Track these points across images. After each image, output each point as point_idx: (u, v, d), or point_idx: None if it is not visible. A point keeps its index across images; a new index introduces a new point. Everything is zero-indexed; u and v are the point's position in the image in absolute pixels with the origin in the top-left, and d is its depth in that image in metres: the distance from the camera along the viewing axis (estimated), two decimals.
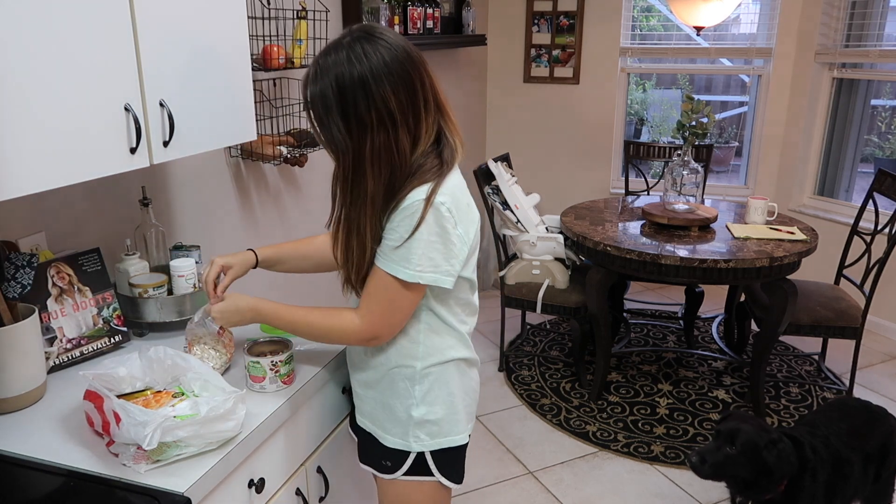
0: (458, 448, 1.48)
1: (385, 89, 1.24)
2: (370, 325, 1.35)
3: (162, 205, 2.06)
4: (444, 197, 1.28)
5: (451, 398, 1.44)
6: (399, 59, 1.26)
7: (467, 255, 1.36)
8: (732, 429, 1.92)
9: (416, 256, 1.28)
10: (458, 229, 1.31)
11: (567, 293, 3.23)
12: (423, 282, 1.30)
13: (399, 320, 1.36)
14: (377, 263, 1.32)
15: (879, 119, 5.86)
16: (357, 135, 1.26)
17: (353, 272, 1.36)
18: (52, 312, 1.53)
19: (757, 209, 3.16)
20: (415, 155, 1.29)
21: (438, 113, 1.33)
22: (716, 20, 3.49)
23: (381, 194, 1.28)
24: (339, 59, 1.25)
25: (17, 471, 1.23)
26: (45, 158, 1.20)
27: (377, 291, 1.33)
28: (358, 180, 1.28)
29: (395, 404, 1.43)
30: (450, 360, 1.43)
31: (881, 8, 3.79)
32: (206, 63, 1.55)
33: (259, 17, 2.29)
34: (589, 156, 4.60)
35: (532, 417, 3.10)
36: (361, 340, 1.38)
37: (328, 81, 1.25)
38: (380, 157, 1.26)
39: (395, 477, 1.47)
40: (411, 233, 1.26)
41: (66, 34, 1.21)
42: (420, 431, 1.43)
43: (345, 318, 1.37)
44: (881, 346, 3.81)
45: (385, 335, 1.37)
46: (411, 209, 1.26)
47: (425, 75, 1.30)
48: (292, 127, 2.57)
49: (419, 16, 3.33)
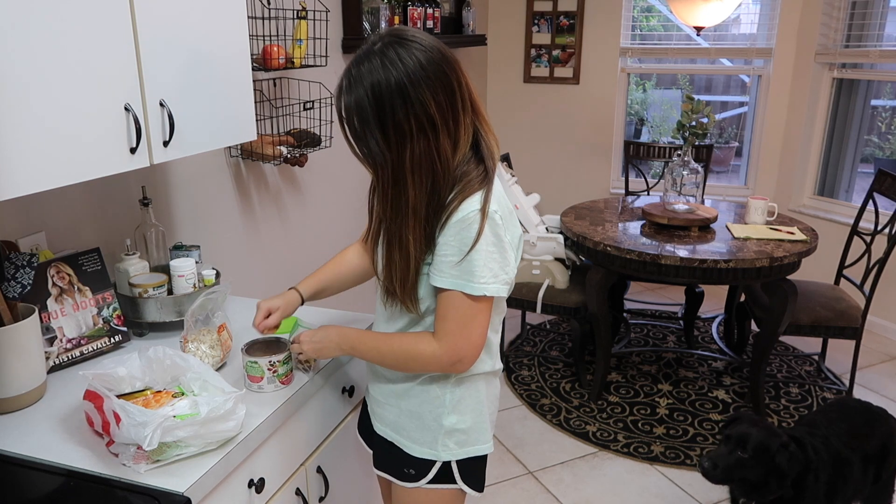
0: (482, 457, 1.45)
1: (424, 93, 1.18)
2: (452, 348, 1.28)
3: (162, 205, 2.06)
4: (495, 205, 1.24)
5: (479, 406, 1.41)
6: (435, 60, 1.20)
7: (515, 259, 1.33)
8: (743, 433, 1.93)
9: (479, 269, 1.23)
10: (507, 235, 1.27)
11: (567, 293, 3.23)
12: (489, 294, 1.25)
13: (479, 337, 1.30)
14: (439, 284, 1.26)
15: (879, 119, 5.85)
16: (396, 145, 1.20)
17: (398, 286, 1.30)
18: (52, 312, 1.53)
19: (757, 209, 3.16)
20: (456, 159, 1.24)
21: (474, 113, 1.28)
22: (716, 20, 3.49)
23: (424, 203, 1.23)
24: (373, 66, 1.19)
25: (17, 471, 1.23)
26: (45, 158, 1.20)
27: (449, 312, 1.27)
28: (398, 192, 1.23)
29: (425, 413, 1.39)
30: (482, 372, 1.40)
31: (881, 8, 3.79)
32: (206, 63, 1.55)
33: (259, 17, 2.29)
34: (589, 156, 4.60)
35: (532, 417, 3.10)
36: (445, 366, 1.31)
37: (363, 91, 1.19)
38: (420, 165, 1.21)
39: (418, 485, 1.42)
40: (472, 246, 1.22)
41: (67, 34, 1.21)
42: (449, 440, 1.40)
43: (424, 346, 1.31)
44: (881, 346, 3.81)
45: (469, 355, 1.30)
46: (467, 221, 1.22)
47: (461, 74, 1.24)
48: (292, 127, 2.57)
49: (419, 16, 3.33)
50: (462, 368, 1.32)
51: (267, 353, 1.46)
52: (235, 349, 1.58)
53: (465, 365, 1.31)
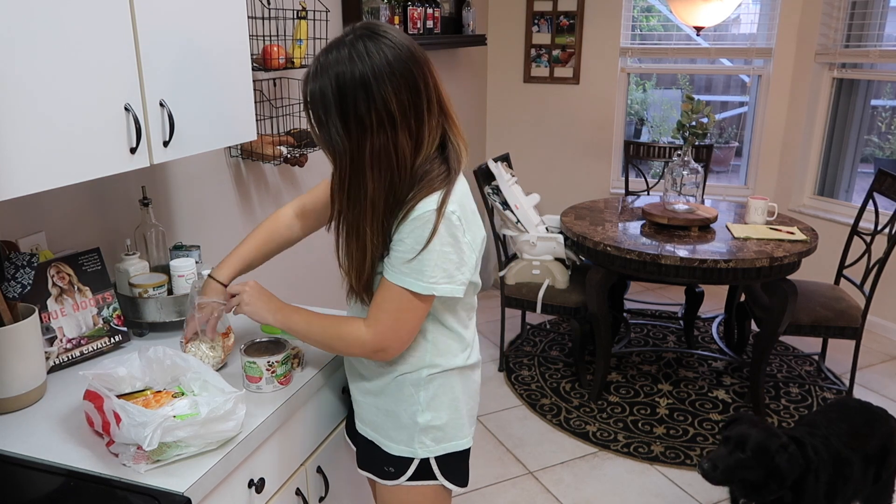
0: (462, 452, 1.46)
1: (386, 90, 1.19)
2: (379, 337, 1.31)
3: (162, 205, 2.06)
4: (454, 206, 1.25)
5: (455, 403, 1.42)
6: (403, 58, 1.21)
7: (476, 261, 1.34)
8: (742, 434, 1.93)
9: (430, 268, 1.24)
10: (466, 236, 1.28)
11: (567, 293, 3.23)
12: (437, 293, 1.27)
13: (408, 333, 1.33)
14: (387, 276, 1.28)
15: (879, 119, 5.85)
16: (356, 136, 1.22)
17: (354, 278, 1.32)
18: (52, 312, 1.53)
19: (757, 209, 3.16)
20: (418, 159, 1.25)
21: (442, 115, 1.28)
22: (716, 20, 3.49)
23: (383, 199, 1.24)
24: (340, 56, 1.20)
25: (17, 471, 1.22)
26: (45, 158, 1.20)
27: (386, 303, 1.29)
28: (356, 183, 1.25)
29: (400, 411, 1.41)
30: (454, 367, 1.41)
31: (881, 8, 3.79)
32: (206, 63, 1.55)
33: (259, 17, 2.29)
34: (589, 156, 4.60)
35: (532, 417, 3.10)
36: (368, 353, 1.34)
37: (328, 80, 1.21)
38: (379, 160, 1.22)
39: (398, 483, 1.44)
40: (424, 245, 1.23)
41: (67, 34, 1.21)
42: (425, 437, 1.41)
43: (353, 327, 1.33)
44: (881, 346, 3.81)
45: (393, 348, 1.33)
46: (422, 220, 1.23)
47: (429, 76, 1.25)
48: (292, 127, 2.57)
49: (419, 16, 3.33)
50: (384, 357, 1.35)
51: (265, 353, 1.46)
52: (236, 350, 1.58)
53: (387, 355, 1.34)
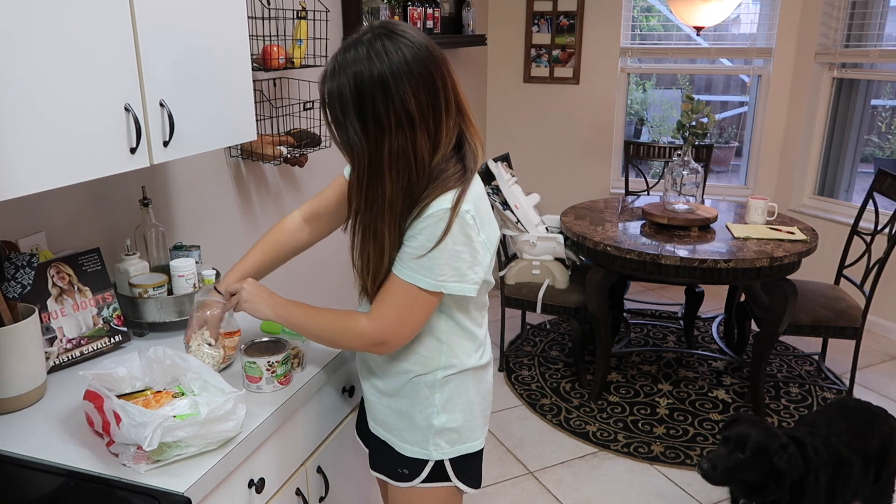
0: (475, 453, 1.45)
1: (405, 90, 1.18)
2: (380, 330, 1.29)
3: (162, 205, 2.06)
4: (468, 205, 1.24)
5: (469, 405, 1.41)
6: (421, 57, 1.20)
7: (490, 260, 1.33)
8: (742, 434, 1.93)
9: (440, 266, 1.23)
10: (481, 235, 1.27)
11: (567, 293, 3.23)
12: (446, 291, 1.26)
13: (412, 329, 1.31)
14: (395, 272, 1.27)
15: (879, 119, 5.86)
16: (374, 136, 1.20)
17: (370, 279, 1.30)
18: (52, 312, 1.53)
19: (757, 209, 3.16)
20: (435, 159, 1.24)
21: (459, 115, 1.27)
22: (716, 20, 3.49)
23: (401, 200, 1.23)
24: (358, 55, 1.19)
25: (17, 471, 1.23)
26: (45, 158, 1.20)
27: (391, 297, 1.28)
28: (374, 184, 1.23)
29: (415, 413, 1.39)
30: (469, 368, 1.40)
31: (881, 8, 3.79)
32: (206, 63, 1.55)
33: (259, 17, 2.29)
34: (589, 156, 4.60)
35: (532, 417, 3.10)
36: (368, 345, 1.32)
37: (346, 79, 1.19)
38: (398, 161, 1.21)
39: (412, 485, 1.43)
40: (436, 243, 1.22)
41: (67, 34, 1.21)
42: (440, 440, 1.40)
43: (354, 320, 1.32)
44: (881, 346, 3.81)
45: (394, 342, 1.31)
46: (435, 217, 1.22)
47: (447, 76, 1.24)
48: (292, 127, 2.57)
49: (419, 16, 3.33)
50: (383, 351, 1.34)
51: (265, 353, 1.46)
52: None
53: (387, 348, 1.33)
